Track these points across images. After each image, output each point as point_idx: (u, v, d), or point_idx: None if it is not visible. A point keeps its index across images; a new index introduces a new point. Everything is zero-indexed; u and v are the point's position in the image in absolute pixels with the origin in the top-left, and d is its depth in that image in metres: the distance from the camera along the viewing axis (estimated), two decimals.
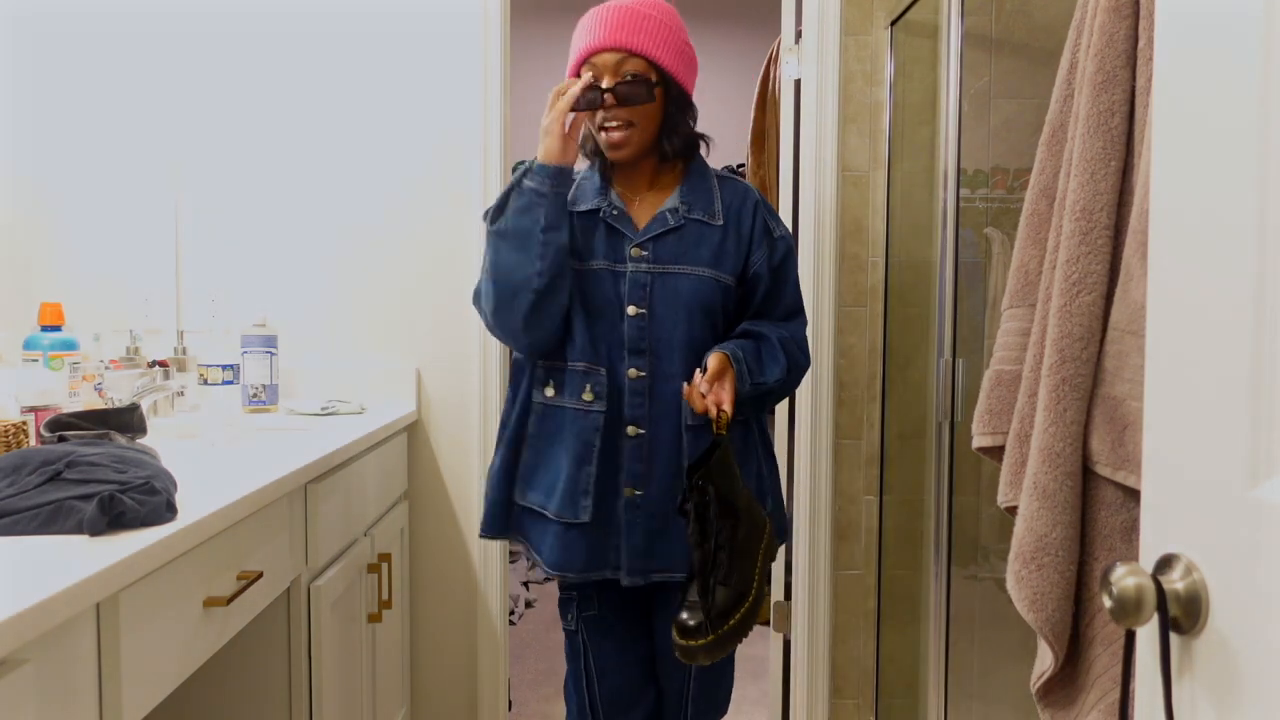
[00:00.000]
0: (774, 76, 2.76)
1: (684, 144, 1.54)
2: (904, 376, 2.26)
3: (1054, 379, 1.09)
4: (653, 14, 1.47)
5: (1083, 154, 1.08)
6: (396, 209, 2.30)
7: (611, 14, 1.46)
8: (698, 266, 1.50)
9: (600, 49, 1.45)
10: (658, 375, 1.48)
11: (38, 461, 1.03)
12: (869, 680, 2.38)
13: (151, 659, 0.99)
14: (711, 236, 1.52)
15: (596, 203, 1.53)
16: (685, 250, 1.50)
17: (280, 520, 1.41)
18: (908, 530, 2.26)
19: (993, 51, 2.00)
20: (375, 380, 2.29)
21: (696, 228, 1.51)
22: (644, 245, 1.50)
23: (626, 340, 1.48)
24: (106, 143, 2.21)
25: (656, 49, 1.46)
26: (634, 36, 1.44)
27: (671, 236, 1.50)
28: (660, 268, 1.49)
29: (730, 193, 1.56)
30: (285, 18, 2.26)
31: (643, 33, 1.45)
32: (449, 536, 2.33)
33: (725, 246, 1.52)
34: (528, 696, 2.78)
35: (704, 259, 1.50)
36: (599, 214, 1.52)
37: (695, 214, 1.52)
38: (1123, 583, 0.64)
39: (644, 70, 1.46)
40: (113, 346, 2.02)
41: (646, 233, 1.50)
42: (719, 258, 1.51)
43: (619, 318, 1.49)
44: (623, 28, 1.44)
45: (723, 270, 1.51)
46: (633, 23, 1.45)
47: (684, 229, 1.51)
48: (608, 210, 1.52)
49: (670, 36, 1.48)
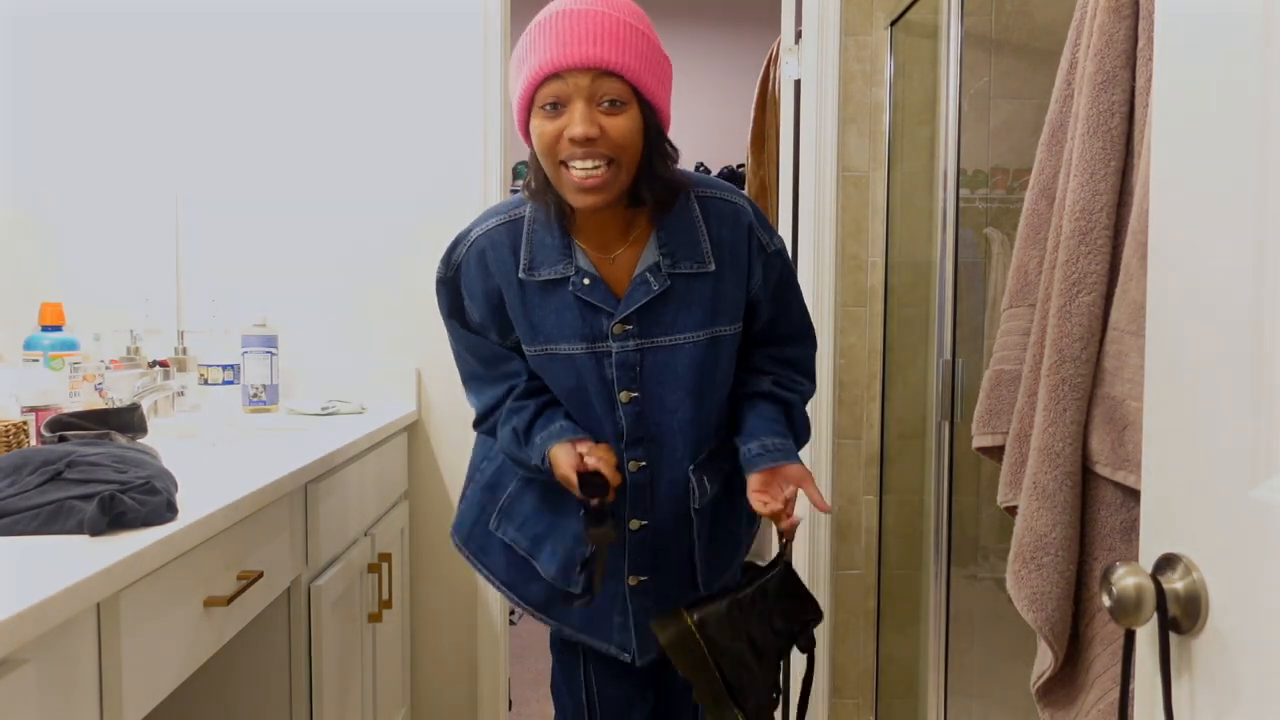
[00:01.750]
0: (774, 77, 2.76)
1: (664, 189, 1.21)
2: (904, 376, 2.26)
3: (1053, 379, 1.09)
4: (627, 20, 1.13)
5: (1082, 154, 1.08)
6: (396, 208, 2.30)
7: (579, 20, 1.10)
8: (693, 333, 1.25)
9: (567, 67, 1.10)
10: (660, 463, 1.29)
11: (38, 461, 1.03)
12: (869, 680, 2.38)
13: (151, 659, 0.99)
14: (704, 289, 1.25)
15: (561, 270, 1.23)
16: (676, 316, 1.24)
17: (280, 520, 1.41)
18: (908, 530, 2.26)
19: (993, 51, 2.00)
20: (375, 380, 2.29)
21: (684, 283, 1.24)
22: (628, 319, 1.24)
23: (624, 431, 1.27)
24: (106, 143, 2.21)
25: (639, 66, 1.13)
26: (612, 50, 1.10)
27: (658, 302, 1.24)
28: (650, 342, 1.24)
29: (718, 222, 1.26)
30: (285, 18, 2.26)
31: (621, 45, 1.11)
32: (449, 536, 2.33)
33: (721, 291, 1.26)
34: (528, 696, 2.78)
35: (698, 320, 1.25)
36: (567, 285, 1.23)
37: (681, 266, 1.24)
38: (1122, 583, 0.64)
39: (623, 94, 1.12)
40: (113, 346, 2.02)
41: (628, 304, 1.23)
42: (715, 311, 1.26)
43: (610, 406, 1.26)
44: (598, 40, 1.10)
45: (722, 323, 1.27)
46: (610, 31, 1.11)
47: (670, 291, 1.24)
48: (578, 282, 1.23)
49: (649, 50, 1.16)
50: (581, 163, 1.12)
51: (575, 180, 1.13)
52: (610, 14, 1.12)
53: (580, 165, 1.12)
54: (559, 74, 1.10)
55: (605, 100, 1.12)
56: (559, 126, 1.12)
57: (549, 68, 1.10)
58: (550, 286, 1.24)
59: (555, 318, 1.24)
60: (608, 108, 1.12)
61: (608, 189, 1.14)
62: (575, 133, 1.10)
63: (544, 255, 1.24)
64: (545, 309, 1.24)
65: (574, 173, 1.13)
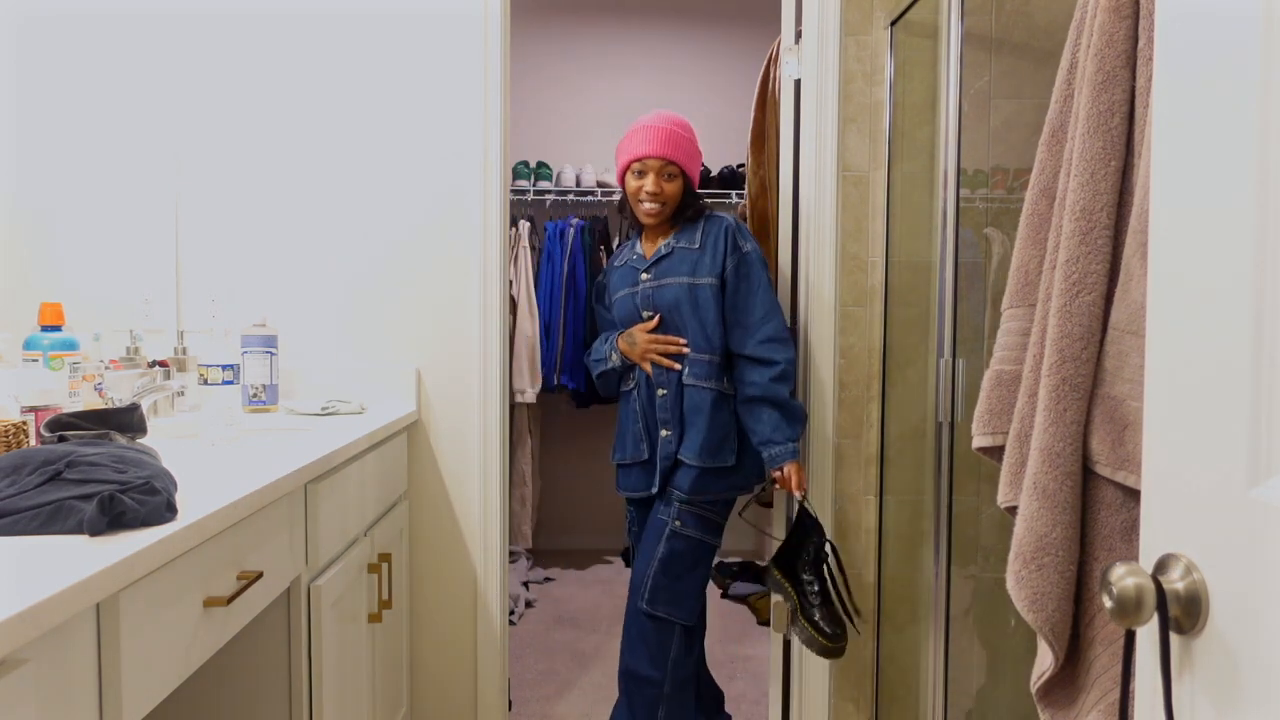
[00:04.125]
0: (774, 76, 2.75)
1: (695, 213, 2.19)
2: (904, 376, 2.26)
3: (1054, 379, 1.09)
4: (683, 134, 2.14)
5: (1083, 154, 1.08)
6: (396, 208, 2.30)
7: (658, 133, 2.12)
8: (679, 277, 2.13)
9: (650, 157, 2.11)
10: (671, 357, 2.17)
11: (38, 461, 1.03)
12: (869, 680, 2.38)
13: (151, 659, 0.99)
14: (690, 257, 2.14)
15: (627, 258, 2.26)
16: (671, 268, 2.15)
17: (280, 520, 1.41)
18: (908, 530, 2.26)
19: (993, 51, 1.99)
20: (375, 380, 2.29)
21: (682, 253, 2.15)
22: (649, 270, 2.19)
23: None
24: (106, 144, 2.21)
25: (683, 158, 2.14)
26: (673, 151, 2.11)
27: (665, 261, 2.17)
28: (656, 283, 2.17)
29: (711, 226, 2.16)
30: (286, 19, 2.27)
31: (675, 145, 2.12)
32: (449, 536, 2.33)
33: (701, 260, 2.13)
34: (528, 696, 2.78)
35: (683, 272, 2.13)
36: (629, 264, 2.24)
37: (681, 244, 2.16)
38: (1123, 583, 0.64)
39: (675, 171, 2.13)
40: (113, 346, 2.02)
41: (649, 262, 2.20)
42: (695, 269, 2.12)
43: (638, 320, 2.21)
44: (666, 144, 2.11)
45: (699, 276, 2.11)
46: (672, 141, 2.12)
47: (672, 255, 2.16)
48: (635, 261, 2.23)
49: (690, 148, 2.15)
50: (649, 204, 2.14)
51: (643, 209, 2.15)
52: (671, 129, 2.13)
53: (648, 205, 2.14)
54: (642, 159, 2.12)
55: (666, 174, 2.13)
56: (641, 184, 2.13)
57: (639, 155, 2.12)
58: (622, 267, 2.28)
59: (620, 280, 2.26)
60: (667, 179, 2.13)
61: (658, 216, 2.16)
62: (649, 190, 2.13)
63: (622, 253, 2.32)
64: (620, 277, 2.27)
65: (642, 205, 2.15)
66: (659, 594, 2.08)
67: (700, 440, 2.10)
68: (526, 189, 4.06)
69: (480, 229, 2.30)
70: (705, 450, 2.10)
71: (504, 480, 2.37)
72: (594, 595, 3.79)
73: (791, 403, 2.09)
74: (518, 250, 3.91)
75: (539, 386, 3.92)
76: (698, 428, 2.11)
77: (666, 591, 2.08)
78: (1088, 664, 1.12)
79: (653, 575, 2.10)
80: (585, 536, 4.49)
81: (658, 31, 4.43)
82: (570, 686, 2.87)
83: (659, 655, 2.08)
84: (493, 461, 2.33)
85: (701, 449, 2.10)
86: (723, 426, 2.12)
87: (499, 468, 2.34)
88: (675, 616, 2.09)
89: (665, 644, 2.09)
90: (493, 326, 2.31)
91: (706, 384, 2.12)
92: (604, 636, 3.30)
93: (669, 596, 2.09)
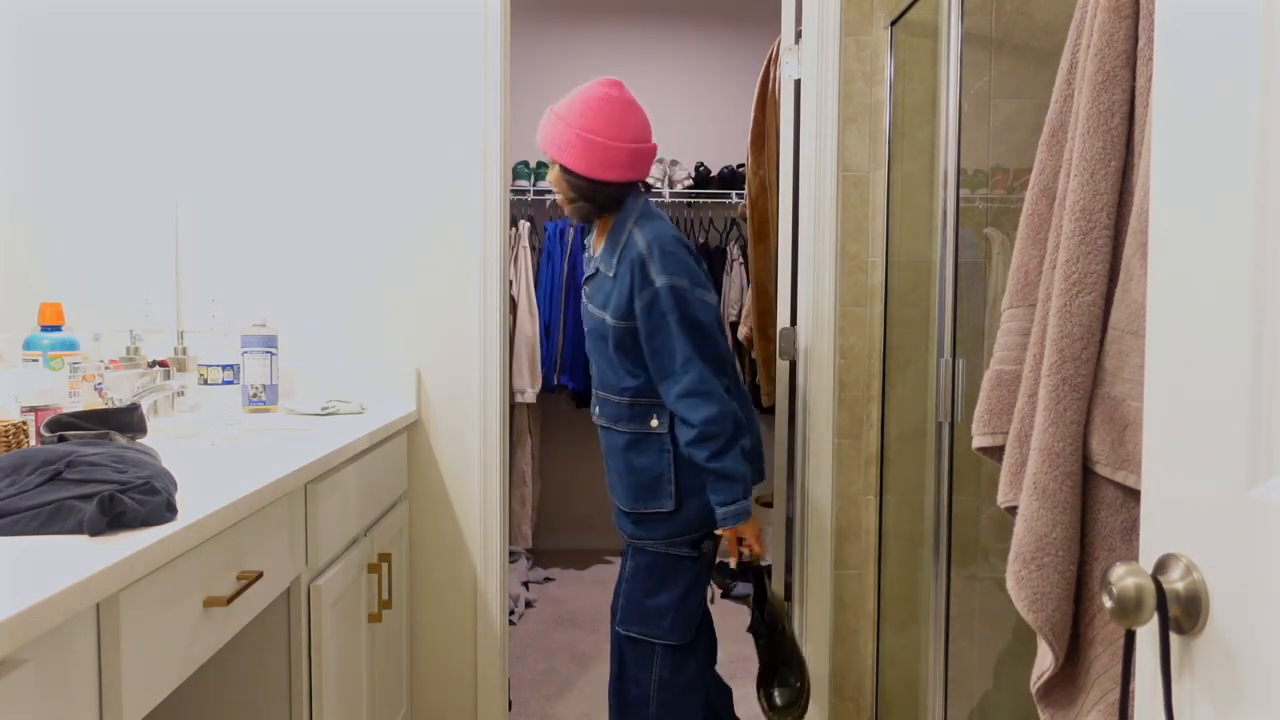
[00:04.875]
0: (774, 76, 2.76)
1: (606, 200, 1.92)
2: (904, 376, 2.26)
3: (1054, 379, 1.09)
4: (557, 119, 1.88)
5: (1083, 154, 1.08)
6: (397, 208, 2.30)
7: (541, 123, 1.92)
8: (596, 307, 1.94)
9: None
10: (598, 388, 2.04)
11: (38, 461, 1.03)
12: (869, 680, 2.38)
13: (151, 659, 0.99)
14: (605, 286, 1.91)
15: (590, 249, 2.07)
16: (593, 293, 1.96)
17: (280, 520, 1.41)
18: (908, 530, 2.26)
19: (993, 51, 1.99)
20: (375, 380, 2.29)
21: (601, 279, 1.93)
22: (588, 282, 2.01)
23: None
24: (106, 144, 2.21)
25: (550, 148, 1.90)
26: (542, 139, 1.91)
27: (593, 280, 1.98)
28: (587, 302, 1.98)
29: (628, 252, 1.86)
30: (286, 18, 2.26)
31: (544, 137, 1.90)
32: (449, 536, 2.33)
33: (611, 294, 1.89)
34: (528, 696, 2.78)
35: (598, 303, 1.93)
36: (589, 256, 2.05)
37: (603, 265, 1.92)
38: (1123, 583, 0.64)
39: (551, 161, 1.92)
40: (113, 346, 2.02)
41: (588, 272, 2.01)
42: (606, 303, 1.90)
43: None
44: (540, 134, 1.92)
45: (609, 312, 1.89)
46: (543, 130, 1.91)
47: (596, 276, 1.96)
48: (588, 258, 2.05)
49: (556, 134, 1.87)
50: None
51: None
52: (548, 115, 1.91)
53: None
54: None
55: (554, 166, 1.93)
56: None
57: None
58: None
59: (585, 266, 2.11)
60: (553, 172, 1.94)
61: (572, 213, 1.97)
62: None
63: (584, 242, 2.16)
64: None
65: None
66: (631, 613, 1.98)
67: (623, 484, 1.96)
68: (526, 189, 4.06)
69: (480, 229, 2.30)
70: (630, 494, 1.95)
71: (504, 480, 2.37)
72: (594, 595, 3.79)
73: (716, 465, 1.82)
74: (518, 250, 3.91)
75: (539, 386, 3.92)
76: (617, 470, 1.98)
77: (638, 610, 1.97)
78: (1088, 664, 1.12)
79: (623, 594, 2.00)
80: (585, 536, 4.49)
81: (658, 31, 4.43)
82: (570, 687, 2.87)
83: (639, 675, 1.98)
84: (493, 461, 2.33)
85: (626, 493, 1.96)
86: (646, 470, 1.92)
87: (499, 468, 2.34)
88: (651, 636, 1.95)
89: (645, 665, 1.97)
90: (493, 326, 2.31)
91: (616, 426, 1.96)
92: (604, 637, 3.30)
93: (641, 615, 1.97)
